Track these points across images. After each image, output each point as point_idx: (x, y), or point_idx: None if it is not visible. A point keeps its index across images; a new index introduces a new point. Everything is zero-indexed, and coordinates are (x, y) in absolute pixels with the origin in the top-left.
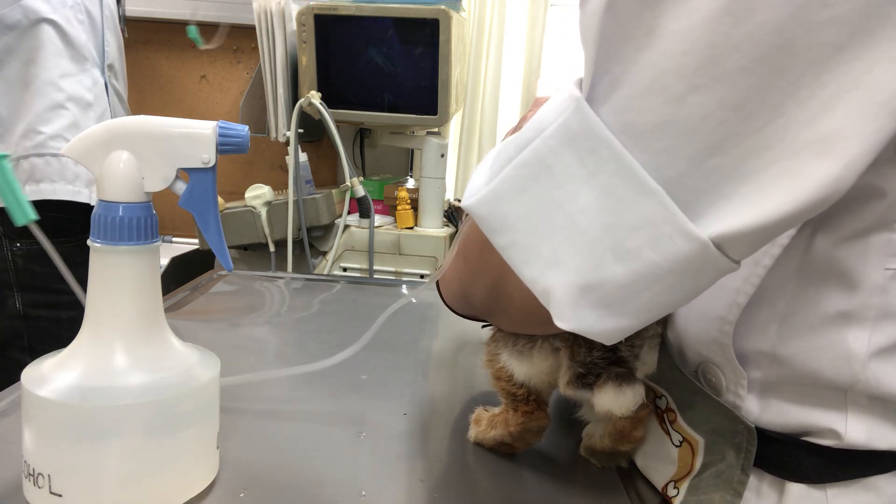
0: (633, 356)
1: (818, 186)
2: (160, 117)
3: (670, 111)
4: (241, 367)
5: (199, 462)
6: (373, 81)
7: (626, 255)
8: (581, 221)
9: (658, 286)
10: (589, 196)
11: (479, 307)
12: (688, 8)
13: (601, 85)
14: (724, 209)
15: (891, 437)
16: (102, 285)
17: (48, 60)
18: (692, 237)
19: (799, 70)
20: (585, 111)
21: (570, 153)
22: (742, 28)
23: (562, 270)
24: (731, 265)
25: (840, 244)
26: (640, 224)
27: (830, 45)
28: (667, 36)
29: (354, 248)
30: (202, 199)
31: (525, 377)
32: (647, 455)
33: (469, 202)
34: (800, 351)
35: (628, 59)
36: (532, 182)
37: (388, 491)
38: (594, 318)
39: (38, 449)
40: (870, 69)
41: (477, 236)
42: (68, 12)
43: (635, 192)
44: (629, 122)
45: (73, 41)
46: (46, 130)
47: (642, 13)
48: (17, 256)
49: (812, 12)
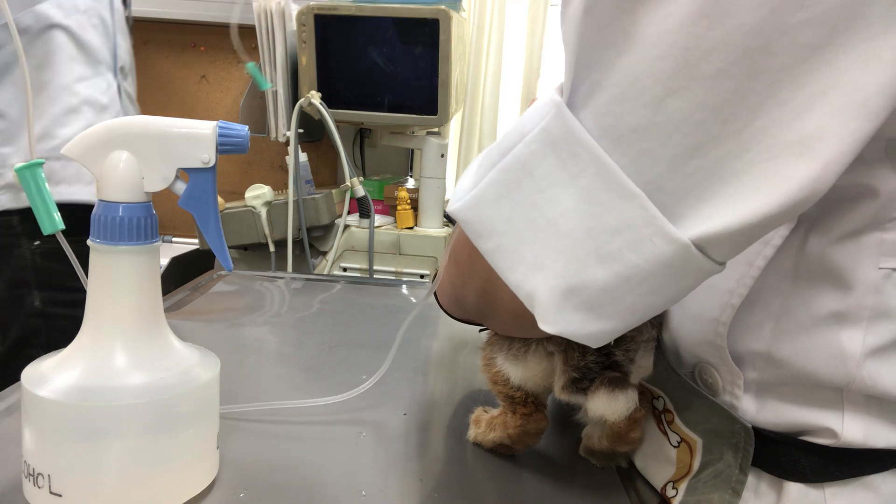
0: (627, 360)
1: (798, 187)
2: (160, 117)
3: (649, 115)
4: (241, 367)
5: (199, 462)
6: (373, 81)
7: (609, 257)
8: (563, 225)
9: (641, 288)
10: (570, 200)
11: (472, 311)
12: (664, 12)
13: (581, 89)
14: (704, 211)
15: (888, 435)
16: (102, 285)
17: (62, 65)
18: (673, 239)
19: (776, 71)
20: (566, 116)
21: (552, 157)
22: (718, 31)
23: (545, 274)
24: (715, 267)
25: (833, 244)
26: (621, 227)
27: (807, 46)
28: (644, 40)
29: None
30: (202, 199)
31: (521, 381)
32: (645, 456)
33: (454, 207)
34: (795, 351)
35: (607, 64)
36: (515, 186)
37: (388, 491)
38: (579, 322)
39: (38, 449)
40: (847, 69)
41: (465, 241)
42: (81, 17)
43: (616, 196)
44: (609, 126)
45: (87, 46)
46: (63, 133)
47: (620, 18)
48: (37, 255)
49: (788, 14)
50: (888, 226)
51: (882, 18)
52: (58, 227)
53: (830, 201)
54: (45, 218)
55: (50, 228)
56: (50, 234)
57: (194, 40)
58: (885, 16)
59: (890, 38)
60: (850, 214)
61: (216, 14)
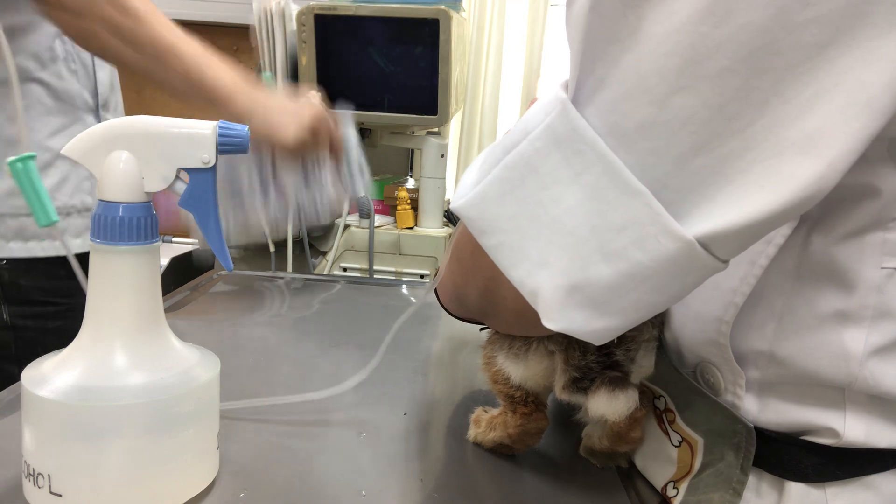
0: (628, 360)
1: (803, 185)
2: (160, 117)
3: (654, 112)
4: (242, 367)
5: (199, 462)
6: (373, 81)
7: (613, 255)
8: (567, 222)
9: (645, 286)
10: (575, 197)
11: (474, 309)
12: (670, 9)
13: (586, 86)
14: (709, 209)
15: (889, 435)
16: (102, 285)
17: (36, 121)
18: (678, 237)
19: (782, 70)
20: (571, 113)
21: (557, 155)
22: (724, 29)
23: (549, 271)
24: (719, 265)
25: (836, 243)
26: (625, 224)
27: (813, 45)
28: (650, 37)
29: (354, 248)
30: (202, 199)
31: (521, 380)
32: (646, 455)
33: (458, 204)
34: (797, 350)
35: (612, 61)
36: (519, 184)
37: (388, 491)
38: (582, 319)
39: (38, 449)
40: (852, 68)
41: (468, 238)
42: (60, 67)
43: (621, 193)
44: (614, 123)
45: (63, 95)
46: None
47: (626, 15)
48: (4, 270)
49: (793, 12)
50: (891, 225)
51: (887, 17)
52: (52, 220)
53: (833, 200)
54: (39, 211)
55: (44, 221)
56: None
57: None
58: (889, 15)
59: (894, 37)
60: (852, 214)
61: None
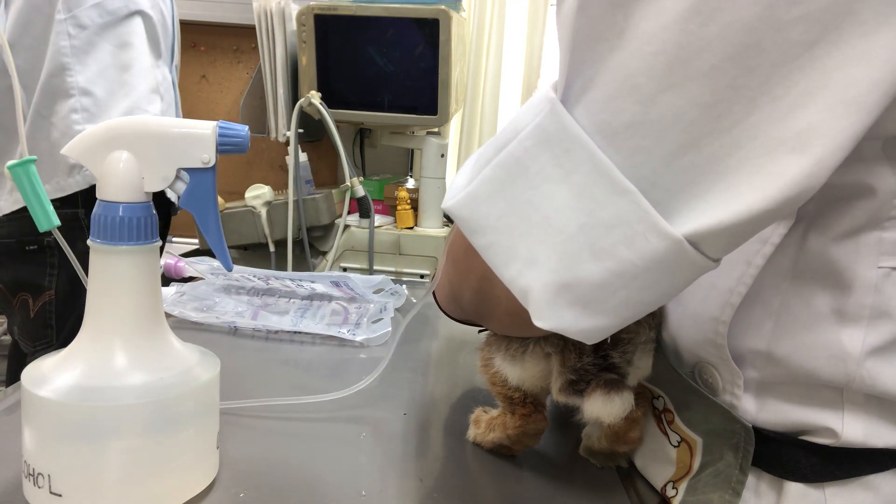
0: (624, 362)
1: (791, 183)
2: (160, 117)
3: (642, 111)
4: (241, 368)
5: (198, 462)
6: (373, 81)
7: (602, 253)
8: (557, 221)
9: (634, 284)
10: (564, 196)
11: (469, 310)
12: (657, 8)
13: (575, 86)
14: (698, 207)
15: (888, 435)
16: (102, 285)
17: (142, 48)
18: (666, 235)
19: (770, 68)
20: (560, 112)
21: (546, 154)
22: (711, 28)
23: (539, 270)
24: (709, 263)
25: (832, 243)
26: (614, 223)
27: (800, 43)
28: (637, 36)
29: (354, 248)
30: (202, 199)
31: (518, 381)
32: (645, 455)
33: (449, 203)
34: (795, 350)
35: (600, 60)
36: (509, 183)
37: (388, 491)
38: (572, 317)
39: (38, 449)
40: (840, 66)
41: (462, 239)
42: (157, 11)
43: (609, 192)
44: (603, 122)
45: (154, 37)
46: (151, 110)
47: (614, 13)
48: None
49: (781, 10)
50: (887, 224)
51: (874, 16)
52: (53, 224)
53: (828, 200)
54: (40, 215)
55: (46, 225)
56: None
57: (194, 40)
58: (876, 13)
59: (882, 35)
60: (848, 213)
61: (216, 14)
